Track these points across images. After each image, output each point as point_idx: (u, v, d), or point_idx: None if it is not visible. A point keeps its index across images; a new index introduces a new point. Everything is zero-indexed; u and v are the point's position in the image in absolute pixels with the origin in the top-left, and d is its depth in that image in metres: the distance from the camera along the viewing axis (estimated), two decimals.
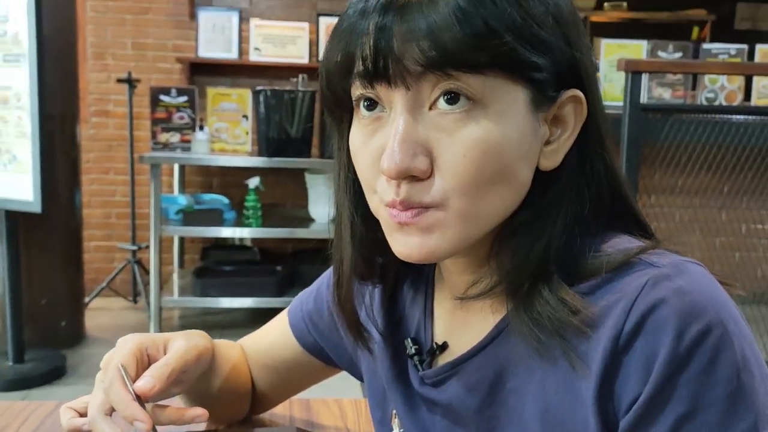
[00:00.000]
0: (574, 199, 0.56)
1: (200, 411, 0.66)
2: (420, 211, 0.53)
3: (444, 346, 0.64)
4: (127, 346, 0.68)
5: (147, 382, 0.65)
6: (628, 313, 0.51)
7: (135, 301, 4.09)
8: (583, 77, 0.56)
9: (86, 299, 3.69)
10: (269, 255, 4.10)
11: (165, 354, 0.70)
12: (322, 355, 0.82)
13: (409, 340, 0.66)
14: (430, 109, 0.53)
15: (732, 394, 0.48)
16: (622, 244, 0.56)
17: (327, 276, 0.80)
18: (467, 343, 0.61)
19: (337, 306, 0.66)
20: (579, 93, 0.55)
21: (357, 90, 0.55)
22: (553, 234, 0.55)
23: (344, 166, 0.61)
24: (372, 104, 0.55)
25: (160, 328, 3.51)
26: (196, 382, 0.74)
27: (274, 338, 0.85)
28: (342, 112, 0.59)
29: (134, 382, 0.65)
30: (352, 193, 0.61)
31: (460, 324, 0.63)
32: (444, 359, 0.63)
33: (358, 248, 0.62)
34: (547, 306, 0.53)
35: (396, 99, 0.53)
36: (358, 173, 0.58)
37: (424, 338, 0.66)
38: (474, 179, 0.52)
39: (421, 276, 0.69)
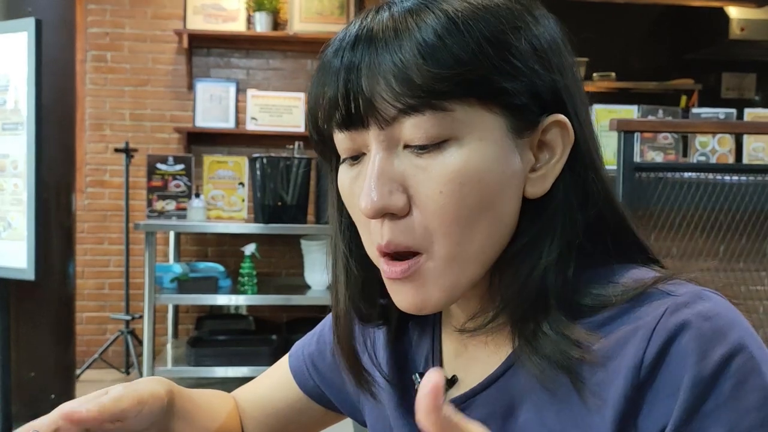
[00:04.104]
0: (568, 225, 0.54)
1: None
2: (410, 266, 0.52)
3: (453, 381, 0.62)
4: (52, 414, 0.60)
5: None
6: (647, 342, 0.49)
7: (128, 373, 4.00)
8: (566, 101, 0.55)
9: (77, 371, 3.61)
10: (264, 324, 4.05)
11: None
12: (323, 400, 0.79)
13: (417, 375, 0.64)
14: (405, 147, 0.52)
15: (764, 422, 0.46)
16: (635, 274, 0.54)
17: (330, 317, 0.78)
18: (477, 377, 0.59)
19: (337, 347, 0.64)
20: (562, 117, 0.54)
21: (338, 142, 0.55)
22: (549, 262, 0.53)
23: (336, 208, 0.61)
24: (355, 156, 0.55)
25: None
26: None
27: (274, 383, 0.81)
28: (330, 154, 0.58)
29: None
30: (346, 234, 0.61)
31: (469, 358, 0.62)
32: (453, 394, 0.61)
33: (353, 290, 0.61)
34: (548, 341, 0.52)
35: (371, 139, 0.53)
36: (351, 216, 0.57)
37: None
38: (454, 215, 0.51)
39: (427, 315, 0.67)
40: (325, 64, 0.54)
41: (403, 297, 0.54)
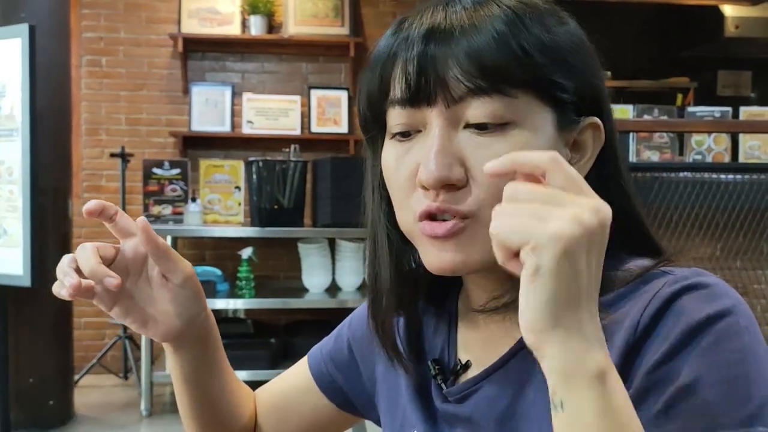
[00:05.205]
0: None
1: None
2: (455, 225, 0.56)
3: (467, 365, 0.66)
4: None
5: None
6: (646, 306, 0.53)
7: (126, 378, 3.99)
8: (602, 104, 0.60)
9: (76, 377, 3.60)
10: (263, 327, 4.04)
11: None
12: (339, 397, 0.81)
13: (431, 361, 0.68)
14: (466, 127, 0.56)
15: (735, 380, 0.49)
16: (641, 263, 0.59)
17: (348, 319, 0.82)
18: (490, 360, 0.63)
19: (374, 322, 0.68)
20: (598, 120, 0.60)
21: (393, 118, 0.59)
22: None
23: (378, 186, 0.65)
24: (407, 134, 0.59)
25: (152, 405, 3.41)
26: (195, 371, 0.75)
27: (292, 380, 0.84)
28: (378, 132, 0.63)
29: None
30: (385, 208, 0.65)
31: (483, 344, 0.65)
32: (467, 377, 0.66)
33: (398, 259, 0.65)
34: None
35: (433, 117, 0.57)
36: (391, 191, 0.62)
37: (447, 360, 0.68)
38: None
39: (444, 308, 0.71)
40: (391, 52, 0.59)
41: (442, 256, 0.57)
